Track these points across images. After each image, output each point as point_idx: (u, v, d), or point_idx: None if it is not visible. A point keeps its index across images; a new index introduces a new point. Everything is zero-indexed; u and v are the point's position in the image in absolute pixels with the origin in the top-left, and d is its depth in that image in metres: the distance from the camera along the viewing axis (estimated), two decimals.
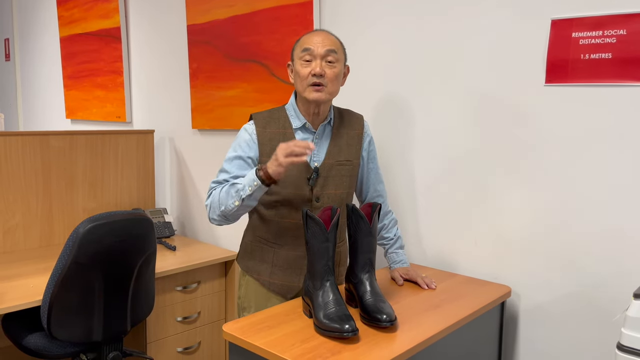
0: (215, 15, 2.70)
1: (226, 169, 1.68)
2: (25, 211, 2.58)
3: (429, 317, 1.50)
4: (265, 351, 1.29)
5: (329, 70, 1.62)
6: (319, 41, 1.62)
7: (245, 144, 1.68)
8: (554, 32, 1.67)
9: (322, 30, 1.67)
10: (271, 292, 1.77)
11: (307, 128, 1.70)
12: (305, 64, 1.62)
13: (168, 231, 2.88)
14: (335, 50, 1.63)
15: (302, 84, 1.63)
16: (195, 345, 2.57)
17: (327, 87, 1.62)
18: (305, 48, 1.62)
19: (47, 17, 4.24)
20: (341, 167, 1.72)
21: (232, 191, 1.59)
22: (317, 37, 1.63)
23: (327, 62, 1.62)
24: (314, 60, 1.61)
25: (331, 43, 1.63)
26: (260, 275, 1.77)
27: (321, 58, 1.61)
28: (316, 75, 1.60)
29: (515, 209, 1.81)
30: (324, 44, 1.61)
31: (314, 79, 1.60)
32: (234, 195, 1.58)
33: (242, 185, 1.57)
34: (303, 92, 1.64)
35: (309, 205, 1.69)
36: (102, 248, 1.86)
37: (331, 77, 1.62)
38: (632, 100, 1.55)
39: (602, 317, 1.65)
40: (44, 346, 1.97)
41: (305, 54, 1.62)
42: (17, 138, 2.53)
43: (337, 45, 1.65)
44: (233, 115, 2.69)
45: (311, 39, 1.63)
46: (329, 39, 1.63)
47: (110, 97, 3.54)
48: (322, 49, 1.61)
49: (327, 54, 1.61)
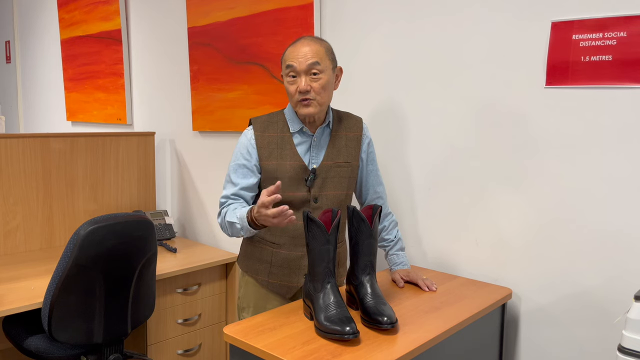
0: (216, 18, 2.70)
1: (232, 180, 1.72)
2: (26, 213, 2.58)
3: (430, 319, 1.50)
4: (266, 353, 1.29)
5: (315, 83, 1.62)
6: (300, 56, 1.61)
7: (246, 150, 1.71)
8: (555, 34, 1.67)
9: (304, 40, 1.64)
10: (270, 292, 1.78)
11: (304, 132, 1.72)
12: (291, 80, 1.63)
13: (169, 233, 2.88)
14: (319, 61, 1.61)
15: (292, 100, 1.67)
16: (195, 347, 2.56)
17: (316, 99, 1.63)
18: (288, 65, 1.63)
19: (47, 20, 4.25)
20: (339, 168, 1.74)
21: (234, 227, 1.64)
22: (298, 51, 1.62)
23: (312, 75, 1.61)
24: (299, 76, 1.62)
25: (313, 54, 1.61)
26: (258, 275, 1.78)
27: (305, 73, 1.61)
28: (302, 92, 1.61)
29: (516, 211, 1.81)
30: (305, 57, 1.60)
31: (301, 95, 1.62)
32: (237, 231, 1.64)
33: (240, 226, 1.62)
34: (294, 107, 1.67)
35: (307, 206, 1.71)
36: (102, 250, 1.86)
37: (318, 89, 1.62)
38: (632, 102, 1.55)
39: (603, 320, 1.65)
40: (45, 348, 1.97)
41: (290, 71, 1.63)
42: (17, 140, 2.53)
43: (321, 54, 1.62)
44: (234, 117, 2.69)
45: (293, 54, 1.62)
46: (311, 51, 1.61)
47: (111, 99, 3.55)
48: (304, 64, 1.60)
49: (311, 68, 1.61)
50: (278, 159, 1.69)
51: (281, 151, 1.69)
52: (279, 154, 1.69)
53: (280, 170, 1.69)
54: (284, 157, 1.69)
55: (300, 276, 1.74)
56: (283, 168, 1.68)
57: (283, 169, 1.68)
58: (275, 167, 1.69)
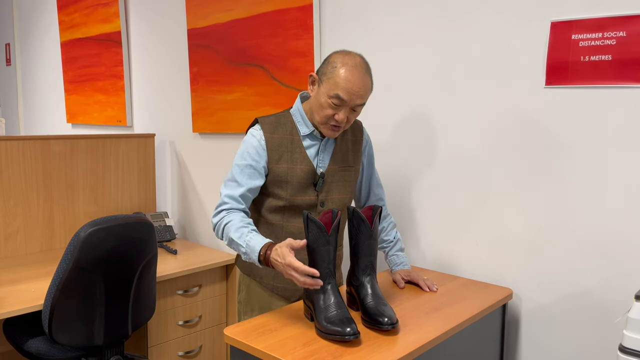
0: (215, 20, 2.71)
1: (237, 180, 1.64)
2: (26, 215, 2.58)
3: (431, 319, 1.50)
4: (267, 355, 1.29)
5: (352, 115, 1.61)
6: (355, 91, 1.55)
7: (255, 151, 1.65)
8: (554, 34, 1.67)
9: (361, 72, 1.56)
10: (275, 295, 1.76)
11: (314, 135, 1.69)
12: (333, 105, 1.57)
13: (169, 235, 2.88)
14: (365, 99, 1.59)
15: (321, 116, 1.61)
16: (196, 349, 2.56)
17: (344, 128, 1.63)
18: (339, 96, 1.55)
19: (47, 22, 4.26)
20: (344, 172, 1.73)
21: (235, 245, 1.55)
22: (354, 84, 1.54)
23: (353, 110, 1.60)
24: (343, 106, 1.58)
25: (365, 93, 1.58)
26: (263, 279, 1.76)
27: (350, 107, 1.58)
28: (338, 121, 1.59)
29: (516, 211, 1.80)
30: (358, 95, 1.56)
31: (335, 122, 1.60)
32: (237, 249, 1.56)
33: (245, 251, 1.53)
34: (319, 122, 1.63)
35: (314, 210, 1.69)
36: (103, 252, 1.86)
37: (351, 120, 1.62)
38: (632, 101, 1.55)
39: (604, 319, 1.65)
40: (46, 351, 1.97)
41: (337, 100, 1.56)
42: (18, 142, 2.53)
43: (368, 90, 1.60)
44: (233, 118, 2.69)
45: (349, 87, 1.54)
46: (364, 87, 1.56)
47: (111, 101, 3.55)
48: (355, 101, 1.57)
49: (357, 106, 1.59)
50: (289, 162, 1.65)
51: (291, 154, 1.66)
52: (289, 157, 1.65)
53: (290, 174, 1.66)
54: (295, 161, 1.65)
55: None
56: (293, 172, 1.66)
57: (293, 172, 1.66)
58: (285, 171, 1.65)
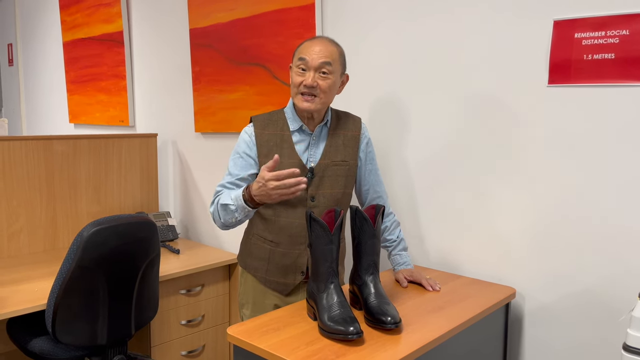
0: (217, 19, 2.71)
1: (230, 172, 1.74)
2: (30, 215, 2.59)
3: (434, 319, 1.50)
4: (270, 354, 1.29)
5: (322, 81, 1.64)
6: (315, 52, 1.64)
7: (245, 145, 1.74)
8: (557, 32, 1.67)
9: (322, 39, 1.68)
10: (268, 289, 1.80)
11: (303, 130, 1.74)
12: (300, 72, 1.66)
13: (172, 234, 2.88)
14: (331, 62, 1.64)
15: (293, 90, 1.69)
16: (199, 348, 2.57)
17: (319, 98, 1.66)
18: (302, 57, 1.65)
19: (50, 22, 4.26)
20: (337, 167, 1.75)
21: (228, 209, 1.64)
22: (315, 46, 1.65)
23: (321, 74, 1.64)
24: (308, 71, 1.64)
25: (328, 55, 1.64)
26: (257, 272, 1.81)
27: (315, 70, 1.64)
28: (307, 86, 1.64)
29: (519, 210, 1.80)
30: (319, 55, 1.63)
31: (304, 88, 1.65)
32: (230, 213, 1.64)
33: (235, 207, 1.61)
34: (294, 97, 1.70)
35: (304, 204, 1.72)
36: (106, 251, 1.86)
37: (324, 88, 1.65)
38: (634, 100, 1.55)
39: (608, 318, 1.64)
40: (49, 350, 1.97)
41: (301, 63, 1.65)
42: (20, 143, 2.54)
43: (335, 56, 1.66)
44: (236, 118, 2.69)
45: (309, 49, 1.65)
46: (327, 50, 1.65)
47: (113, 101, 3.56)
48: (317, 60, 1.63)
49: (322, 66, 1.64)
50: None
51: (280, 149, 1.71)
52: (277, 151, 1.71)
53: (278, 168, 1.68)
54: (283, 156, 1.70)
55: (297, 274, 1.76)
56: (281, 166, 1.68)
57: (281, 167, 1.68)
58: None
